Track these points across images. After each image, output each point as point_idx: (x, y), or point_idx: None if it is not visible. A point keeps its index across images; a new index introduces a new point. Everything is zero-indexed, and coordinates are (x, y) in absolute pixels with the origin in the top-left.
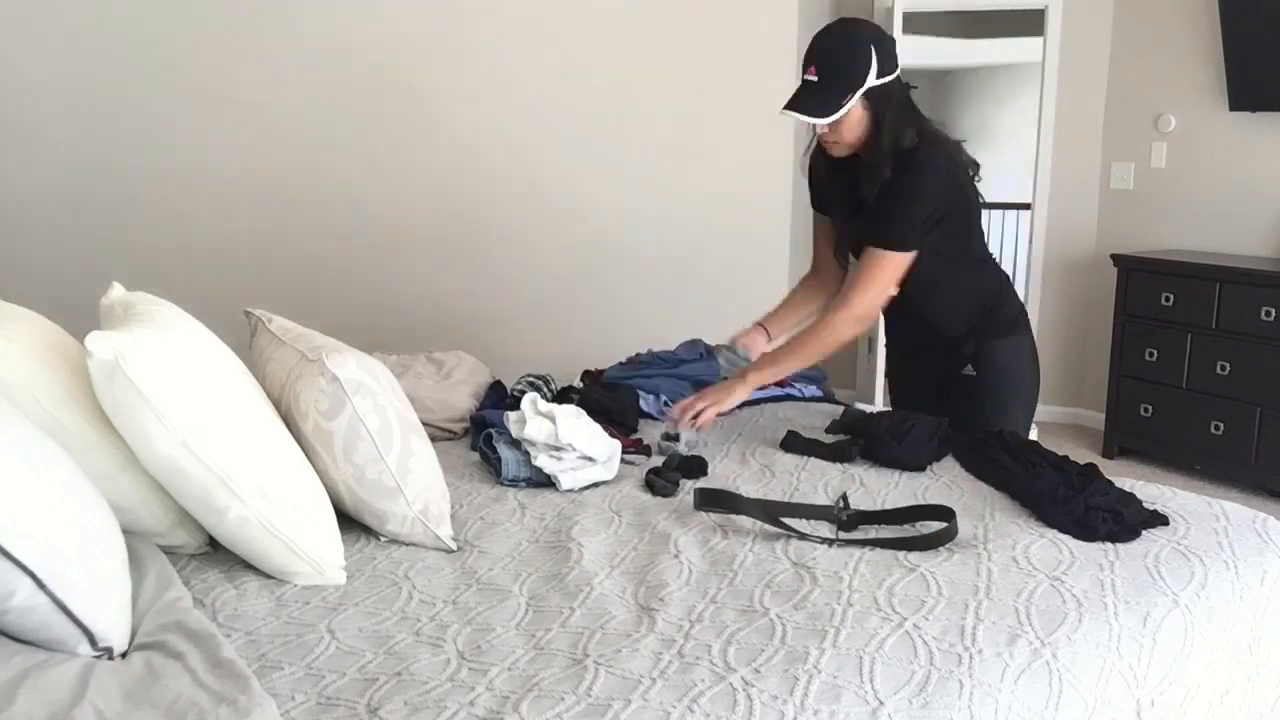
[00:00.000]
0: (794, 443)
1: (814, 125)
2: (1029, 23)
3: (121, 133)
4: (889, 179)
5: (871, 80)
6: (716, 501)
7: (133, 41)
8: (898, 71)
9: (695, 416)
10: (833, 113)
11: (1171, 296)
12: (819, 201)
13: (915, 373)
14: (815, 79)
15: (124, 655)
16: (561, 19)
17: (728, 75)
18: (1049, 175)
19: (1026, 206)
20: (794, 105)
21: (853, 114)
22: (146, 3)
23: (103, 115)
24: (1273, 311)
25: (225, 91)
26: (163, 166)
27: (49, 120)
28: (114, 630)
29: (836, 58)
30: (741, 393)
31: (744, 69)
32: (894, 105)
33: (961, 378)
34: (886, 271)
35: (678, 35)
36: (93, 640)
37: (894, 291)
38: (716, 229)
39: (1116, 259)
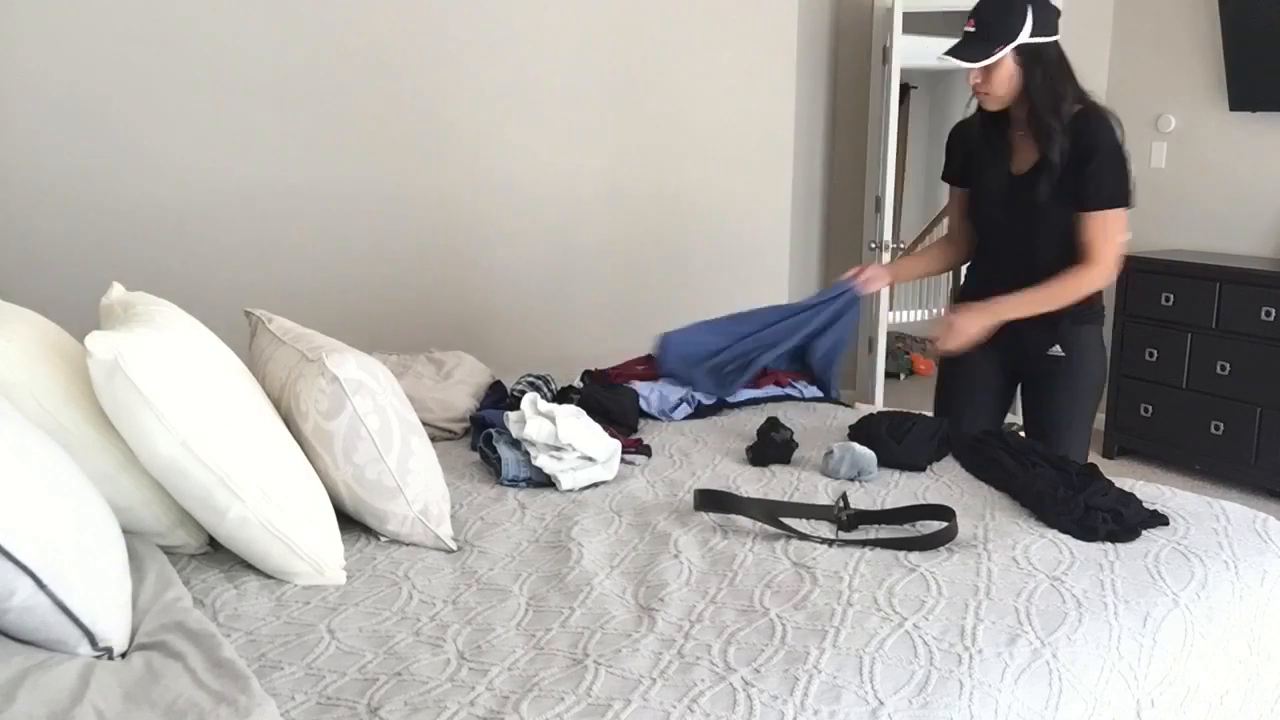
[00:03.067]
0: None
1: (969, 75)
2: None
3: (122, 133)
4: (1070, 145)
5: (1024, 37)
6: (716, 502)
7: (133, 41)
8: (1056, 37)
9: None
10: (981, 59)
11: (1171, 296)
12: (958, 174)
13: (990, 355)
14: (973, 29)
15: (124, 655)
16: (561, 19)
17: (728, 75)
18: None
19: None
20: (952, 52)
21: (1005, 67)
22: (146, 2)
23: (103, 115)
24: (1273, 311)
25: (225, 92)
26: (163, 167)
27: (49, 120)
28: (114, 630)
29: (992, 11)
30: (989, 320)
31: (745, 69)
32: (1047, 64)
33: (1048, 359)
34: (1118, 226)
35: (679, 35)
36: (93, 640)
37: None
38: (717, 229)
39: None
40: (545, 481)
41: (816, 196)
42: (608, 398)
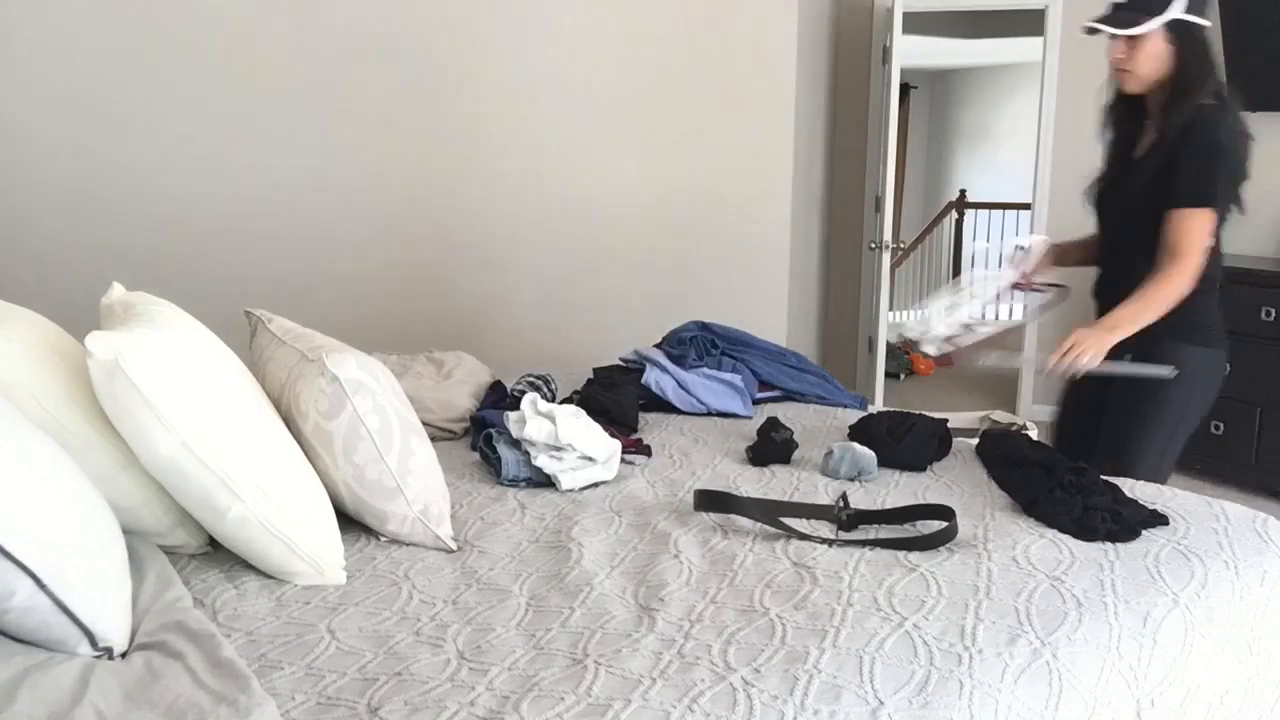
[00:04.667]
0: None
1: (1111, 50)
2: (1029, 23)
3: (122, 132)
4: (1178, 135)
5: (1177, 12)
6: (716, 502)
7: (133, 40)
8: (1208, 24)
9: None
10: (1129, 26)
11: None
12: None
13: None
14: (1123, 0)
15: (124, 655)
16: (564, 17)
17: (730, 73)
18: (1049, 175)
19: (1026, 206)
20: (1099, 19)
21: (1152, 45)
22: (146, 3)
23: (103, 114)
24: (1273, 311)
25: (226, 91)
26: (163, 166)
27: (49, 120)
28: (114, 630)
29: None
30: (1109, 340)
31: (746, 67)
32: (1198, 49)
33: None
34: (1197, 233)
35: (680, 34)
36: (93, 640)
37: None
38: (717, 229)
39: None
40: (545, 481)
41: (816, 196)
42: (608, 398)
